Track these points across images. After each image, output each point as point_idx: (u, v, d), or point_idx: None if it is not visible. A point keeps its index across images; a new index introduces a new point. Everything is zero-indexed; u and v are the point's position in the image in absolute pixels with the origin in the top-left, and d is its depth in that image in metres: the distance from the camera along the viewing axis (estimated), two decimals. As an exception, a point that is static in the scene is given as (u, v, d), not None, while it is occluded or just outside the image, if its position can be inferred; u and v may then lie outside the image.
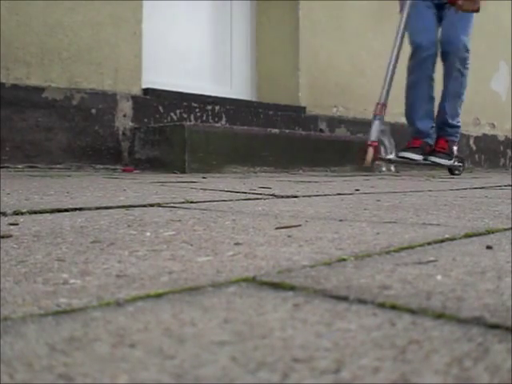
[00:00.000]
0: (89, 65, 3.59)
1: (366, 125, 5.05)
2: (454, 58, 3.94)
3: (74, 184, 2.16)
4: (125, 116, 3.73)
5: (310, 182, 2.74)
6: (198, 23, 4.50)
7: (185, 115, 4.00)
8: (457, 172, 4.16)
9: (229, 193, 1.90)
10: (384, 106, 3.80)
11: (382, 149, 3.77)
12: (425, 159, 4.01)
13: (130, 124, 3.75)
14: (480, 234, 1.02)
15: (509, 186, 2.64)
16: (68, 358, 0.41)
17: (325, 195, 1.90)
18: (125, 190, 1.92)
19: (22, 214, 1.23)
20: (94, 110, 3.60)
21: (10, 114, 3.29)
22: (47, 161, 3.42)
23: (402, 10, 3.90)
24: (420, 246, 0.89)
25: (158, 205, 1.45)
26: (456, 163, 4.13)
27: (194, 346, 0.44)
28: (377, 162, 3.86)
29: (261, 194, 1.88)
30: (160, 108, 3.89)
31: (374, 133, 3.72)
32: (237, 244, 0.89)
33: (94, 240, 0.92)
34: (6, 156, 3.27)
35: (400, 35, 3.84)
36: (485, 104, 6.12)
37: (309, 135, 4.22)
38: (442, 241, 0.94)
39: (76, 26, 3.54)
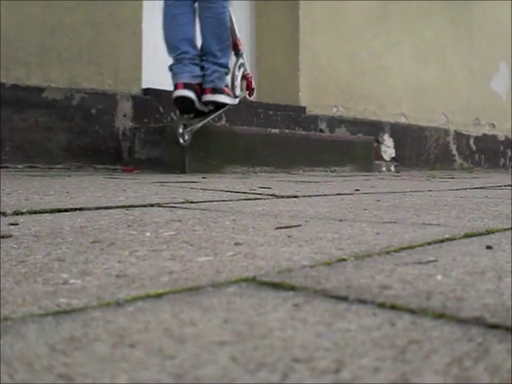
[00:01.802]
0: (89, 65, 3.59)
1: (366, 125, 5.05)
2: None
3: (74, 184, 2.16)
4: (125, 116, 3.73)
5: (310, 182, 2.74)
6: (197, 23, 4.50)
7: (185, 115, 4.00)
8: None
9: (229, 193, 1.90)
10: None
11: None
12: None
13: (130, 124, 3.75)
14: (480, 234, 1.02)
15: (509, 185, 2.64)
16: (68, 358, 0.41)
17: (325, 195, 1.90)
18: (125, 190, 1.92)
19: (22, 213, 1.23)
20: (94, 110, 3.60)
21: (10, 114, 3.29)
22: (47, 161, 3.42)
23: None
24: (420, 246, 0.89)
25: (158, 205, 1.45)
26: None
27: (194, 346, 0.44)
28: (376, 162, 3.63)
29: (261, 194, 1.88)
30: (160, 108, 3.89)
31: None
32: (237, 244, 0.89)
33: (94, 240, 0.92)
34: (6, 156, 3.27)
35: None
36: (485, 104, 6.12)
37: (309, 135, 4.22)
38: (442, 241, 0.94)
39: (76, 26, 3.54)
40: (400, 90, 5.37)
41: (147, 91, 3.85)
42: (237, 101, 3.41)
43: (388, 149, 5.24)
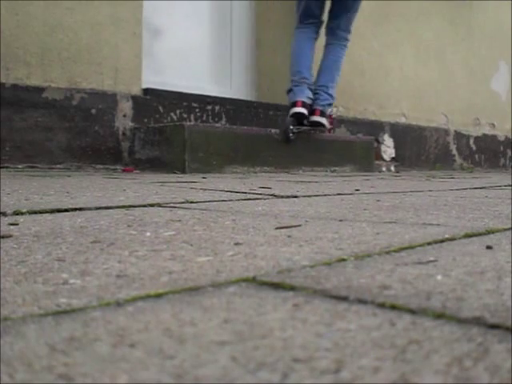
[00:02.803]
0: (89, 65, 3.59)
1: (366, 125, 5.05)
2: None
3: (74, 184, 2.16)
4: (125, 116, 3.73)
5: (310, 182, 2.74)
6: (198, 23, 4.50)
7: (185, 115, 4.00)
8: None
9: (229, 193, 1.90)
10: None
11: None
12: None
13: (130, 124, 3.75)
14: (480, 234, 1.02)
15: (509, 185, 2.64)
16: (68, 358, 0.41)
17: (325, 195, 1.90)
18: (125, 190, 1.92)
19: (22, 214, 1.23)
20: (94, 110, 3.60)
21: (10, 114, 3.29)
22: (47, 161, 3.42)
23: None
24: (420, 245, 0.89)
25: (158, 205, 1.45)
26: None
27: (193, 346, 0.44)
28: (377, 162, 4.09)
29: (261, 193, 1.88)
30: (160, 108, 3.89)
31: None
32: (237, 244, 0.89)
33: (94, 240, 0.92)
34: (6, 156, 3.27)
35: None
36: (485, 104, 6.12)
37: (309, 135, 4.22)
38: (442, 241, 0.94)
39: (76, 26, 3.54)
40: (400, 90, 5.37)
41: (147, 91, 3.85)
42: (328, 126, 4.20)
43: (388, 149, 5.24)
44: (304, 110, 3.95)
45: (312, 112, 4.02)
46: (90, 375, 0.38)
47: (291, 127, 3.91)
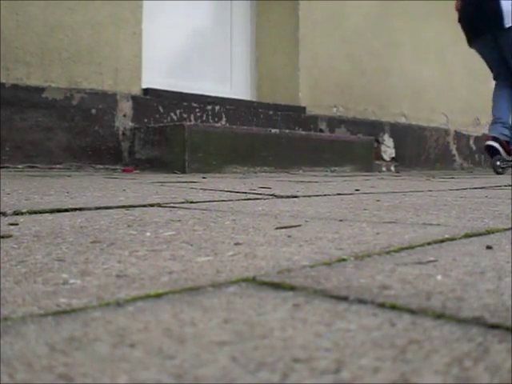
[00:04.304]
0: (89, 65, 3.59)
1: (366, 125, 5.05)
2: None
3: (74, 184, 2.16)
4: (125, 116, 3.73)
5: (310, 182, 2.74)
6: (198, 23, 4.50)
7: (185, 115, 4.00)
8: None
9: (229, 193, 1.90)
10: None
11: None
12: None
13: (130, 124, 3.75)
14: (480, 234, 1.02)
15: (509, 185, 2.64)
16: (68, 358, 0.41)
17: (325, 195, 1.90)
18: (125, 190, 1.92)
19: (22, 214, 1.23)
20: (94, 110, 3.60)
21: (10, 114, 3.29)
22: (47, 161, 3.42)
23: None
24: (420, 246, 0.89)
25: (158, 205, 1.45)
26: None
27: (194, 346, 0.44)
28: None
29: (261, 194, 1.88)
30: (160, 108, 3.89)
31: None
32: (237, 244, 0.89)
33: (93, 240, 0.92)
34: (6, 156, 3.27)
35: None
36: (485, 104, 6.11)
37: (309, 135, 4.22)
38: (442, 241, 0.94)
39: (76, 26, 3.54)
40: (400, 90, 5.37)
41: (147, 91, 3.85)
42: None
43: (388, 149, 5.24)
44: (494, 143, 4.38)
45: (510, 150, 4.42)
46: (90, 375, 0.38)
47: (498, 163, 4.39)
